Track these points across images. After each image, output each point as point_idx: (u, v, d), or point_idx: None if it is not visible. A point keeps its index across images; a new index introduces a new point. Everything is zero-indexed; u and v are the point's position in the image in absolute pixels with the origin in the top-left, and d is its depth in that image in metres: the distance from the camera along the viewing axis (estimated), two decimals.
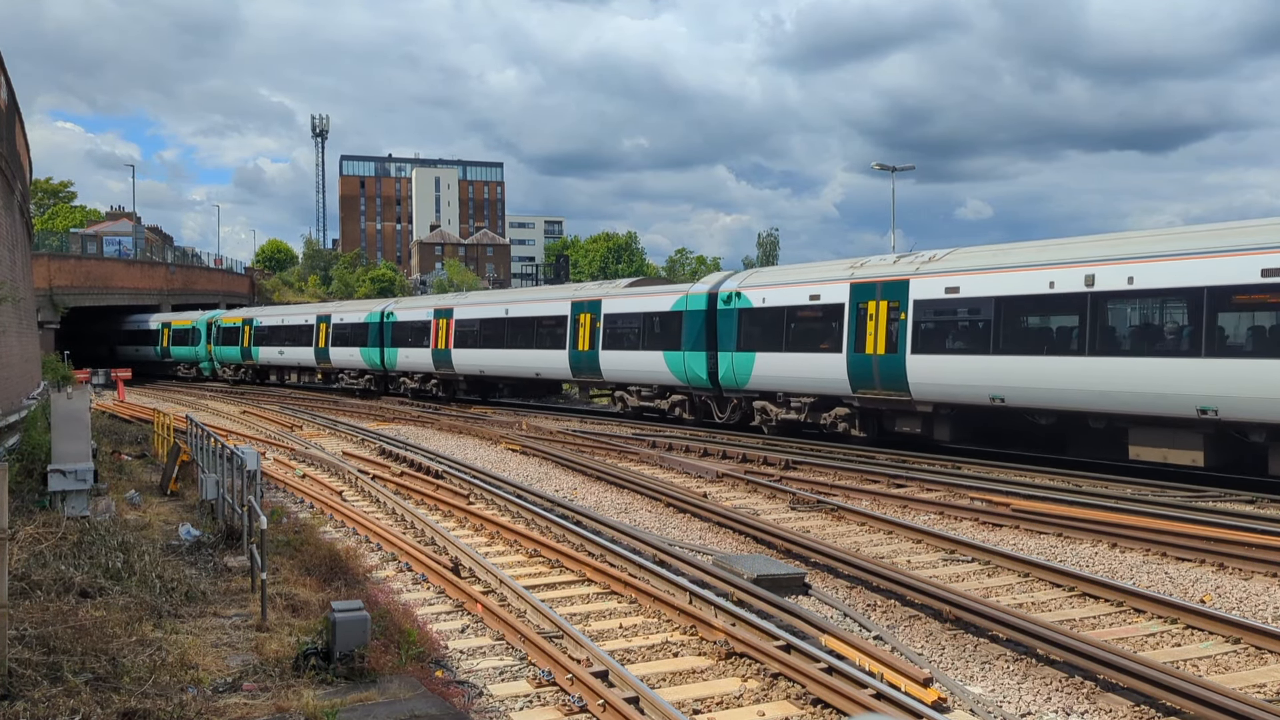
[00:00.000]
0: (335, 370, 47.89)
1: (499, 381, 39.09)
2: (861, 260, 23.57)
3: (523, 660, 8.69)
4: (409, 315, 42.08)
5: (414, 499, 17.10)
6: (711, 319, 26.89)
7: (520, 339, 35.13)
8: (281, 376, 54.12)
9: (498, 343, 36.24)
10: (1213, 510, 14.67)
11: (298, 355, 50.30)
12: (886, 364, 21.52)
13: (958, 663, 8.75)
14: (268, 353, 52.76)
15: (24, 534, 10.46)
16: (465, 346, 38.05)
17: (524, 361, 35.02)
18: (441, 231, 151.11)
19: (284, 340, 51.23)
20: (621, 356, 30.54)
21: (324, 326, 47.67)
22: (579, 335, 32.21)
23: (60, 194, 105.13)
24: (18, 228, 26.91)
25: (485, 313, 37.55)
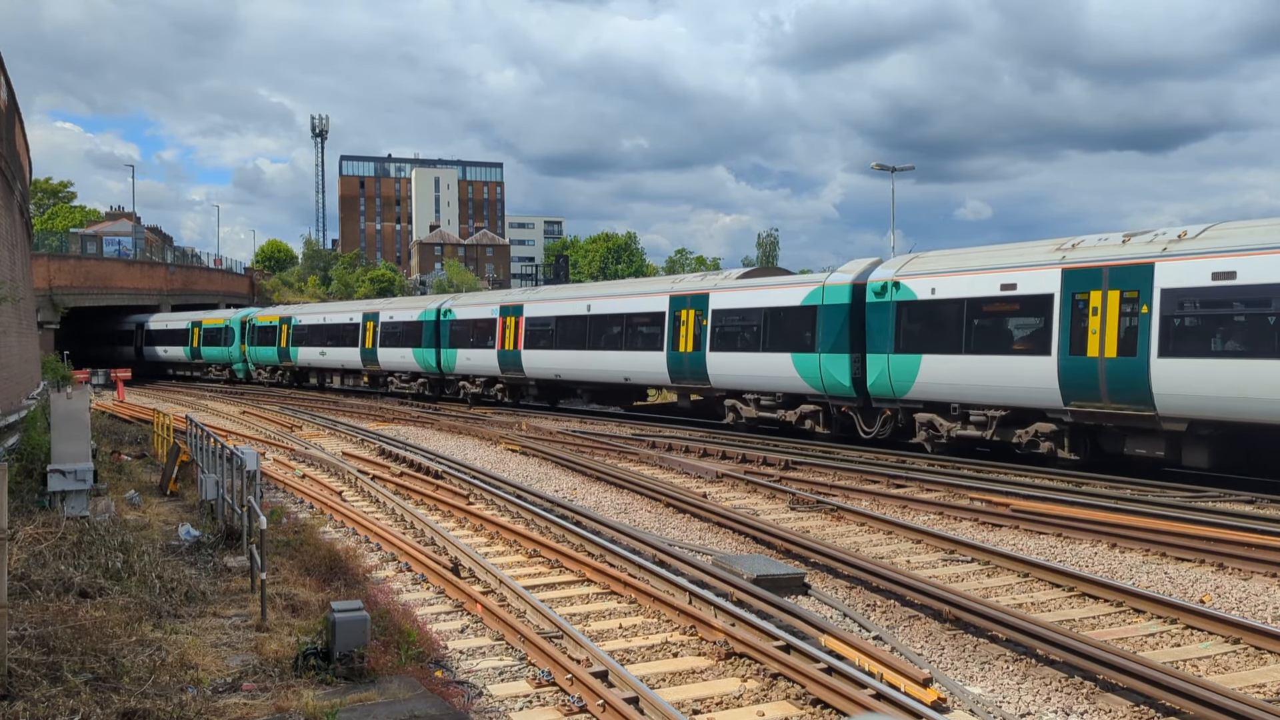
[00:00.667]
0: (384, 373, 44.08)
1: (578, 386, 34.61)
2: (1073, 240, 19.22)
3: (522, 660, 8.69)
4: (470, 313, 38.09)
5: (414, 499, 17.10)
6: (857, 315, 22.64)
7: (606, 339, 31.19)
8: (323, 379, 50.44)
9: (577, 343, 32.25)
10: (1212, 510, 14.67)
11: (341, 356, 46.42)
12: (1120, 369, 17.34)
13: (957, 663, 8.76)
14: (308, 354, 48.92)
15: (24, 534, 10.46)
16: (538, 347, 34.11)
17: (610, 365, 31.01)
18: (441, 232, 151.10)
19: (326, 340, 47.39)
20: (735, 359, 26.22)
21: (371, 325, 43.71)
22: (680, 334, 28.10)
23: (60, 194, 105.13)
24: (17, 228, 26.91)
25: (562, 309, 33.61)
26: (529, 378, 35.35)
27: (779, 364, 24.69)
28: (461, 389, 39.51)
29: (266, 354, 52.67)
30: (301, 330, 49.51)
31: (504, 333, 35.86)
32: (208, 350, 58.23)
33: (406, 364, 41.84)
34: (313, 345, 48.44)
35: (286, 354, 50.70)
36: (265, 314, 54.92)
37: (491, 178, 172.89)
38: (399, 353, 42.07)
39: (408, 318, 41.77)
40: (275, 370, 52.99)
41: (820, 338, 23.45)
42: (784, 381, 24.75)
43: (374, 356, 43.70)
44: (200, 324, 59.11)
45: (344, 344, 46.15)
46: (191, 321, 60.36)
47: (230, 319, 56.61)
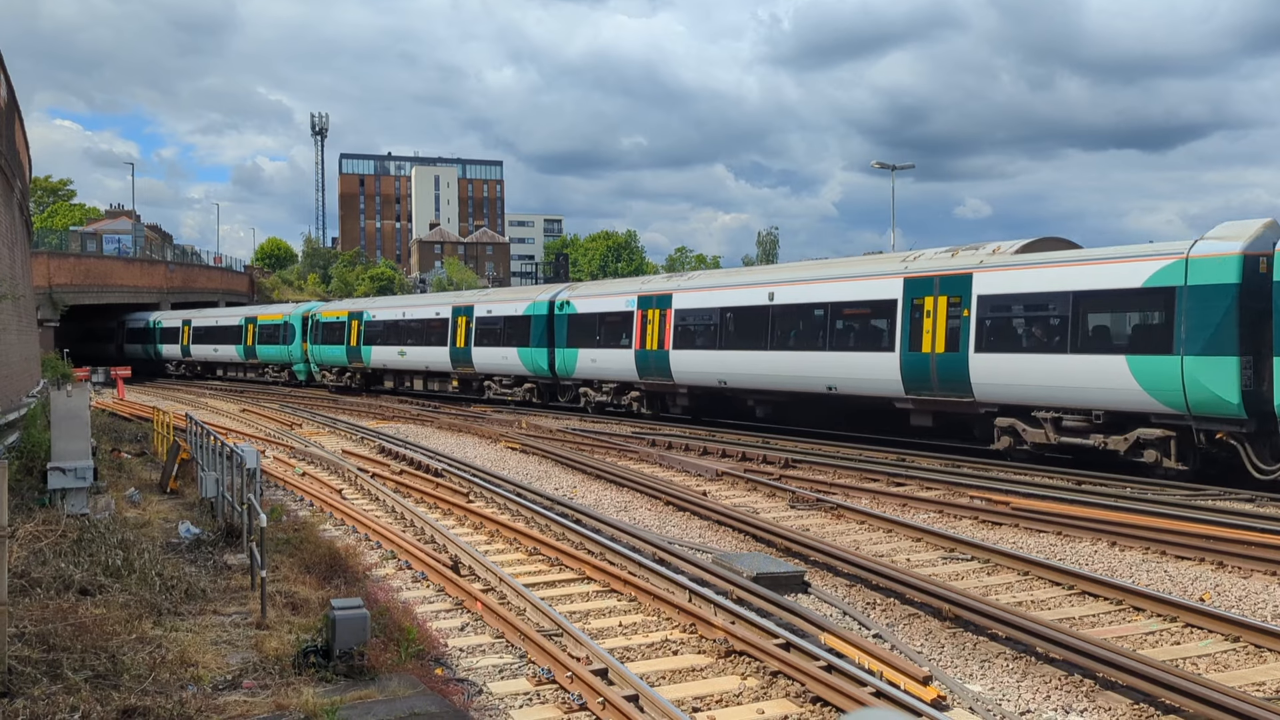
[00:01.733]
0: (478, 377, 37.45)
1: (751, 397, 26.74)
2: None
3: (522, 658, 8.70)
4: (596, 305, 31.80)
5: (413, 497, 17.11)
6: (1250, 299, 16.14)
7: (796, 337, 24.50)
8: (400, 383, 43.18)
9: (753, 341, 25.46)
10: (1212, 509, 14.68)
11: (424, 357, 39.91)
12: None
13: (957, 661, 8.76)
14: (383, 354, 42.59)
15: (24, 532, 10.46)
16: (692, 347, 27.58)
17: (807, 369, 23.72)
18: (441, 230, 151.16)
19: (405, 338, 41.04)
20: (1020, 364, 19.26)
21: (463, 321, 37.52)
22: (919, 330, 21.19)
23: (59, 192, 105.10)
24: (17, 226, 26.91)
25: (729, 299, 26.66)
26: (679, 384, 28.48)
27: (1100, 370, 17.97)
28: (582, 396, 32.79)
29: (332, 354, 46.36)
30: (376, 327, 43.00)
31: (643, 328, 29.35)
32: (265, 350, 52.28)
33: (509, 366, 35.33)
34: (389, 344, 42.01)
35: (357, 354, 44.28)
36: (332, 309, 48.22)
37: (491, 176, 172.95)
38: (499, 353, 35.70)
39: (510, 311, 35.26)
40: (343, 373, 46.60)
41: (1184, 333, 16.72)
42: (1107, 395, 17.85)
43: (467, 357, 37.38)
44: (256, 320, 53.46)
45: (428, 342, 39.69)
46: (245, 318, 54.75)
47: (290, 314, 50.74)
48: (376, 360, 43.30)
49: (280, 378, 52.29)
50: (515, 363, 35.04)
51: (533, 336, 33.92)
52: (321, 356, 47.70)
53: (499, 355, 35.99)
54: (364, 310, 44.73)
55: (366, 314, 44.07)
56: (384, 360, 42.83)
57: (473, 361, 37.31)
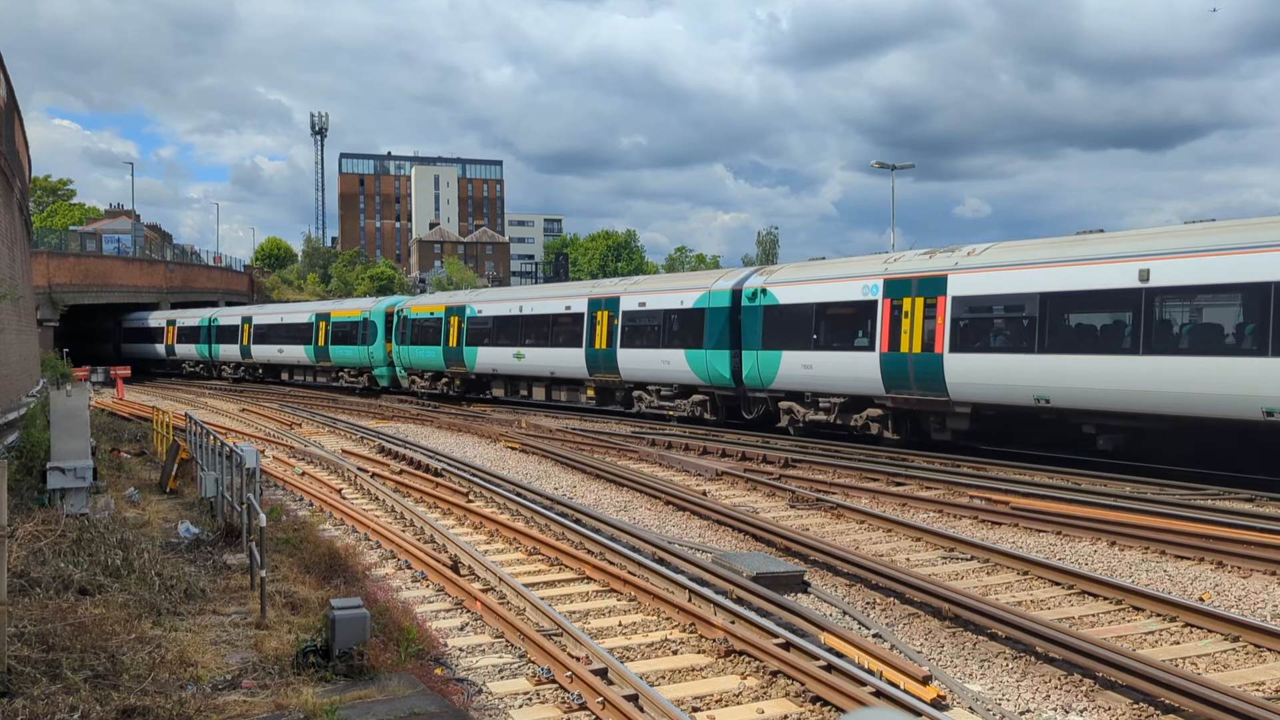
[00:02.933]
0: (624, 385, 30.34)
1: (1092, 422, 18.53)
2: None
3: (522, 658, 8.69)
4: (809, 293, 23.94)
5: (413, 497, 17.10)
6: None
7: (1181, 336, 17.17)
8: (513, 390, 36.30)
9: (1111, 342, 17.95)
10: (1212, 508, 14.68)
11: (549, 360, 32.92)
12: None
13: (957, 660, 8.76)
14: (493, 357, 35.62)
15: (23, 531, 10.46)
16: (985, 349, 19.98)
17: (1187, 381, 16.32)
18: (441, 230, 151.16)
19: (523, 337, 34.34)
20: None
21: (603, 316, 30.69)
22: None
23: (59, 191, 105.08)
24: (17, 225, 26.91)
25: (1066, 280, 18.42)
26: (955, 400, 20.53)
27: None
28: (784, 413, 24.99)
29: (425, 356, 39.65)
30: (482, 324, 36.49)
31: (893, 324, 21.71)
32: (339, 351, 45.28)
33: (670, 372, 28.16)
34: (500, 344, 35.39)
35: (457, 356, 37.63)
36: (425, 303, 41.56)
37: (491, 175, 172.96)
38: (657, 356, 28.54)
39: (673, 303, 28.32)
40: (437, 378, 39.79)
41: None
42: None
43: (609, 360, 30.33)
44: (329, 317, 46.30)
45: (554, 342, 33.02)
46: (316, 314, 47.83)
47: (371, 310, 43.66)
48: (484, 364, 36.30)
49: (356, 383, 45.20)
50: (681, 368, 27.66)
51: (708, 335, 26.66)
52: (411, 359, 40.68)
53: (656, 359, 28.51)
54: (466, 304, 37.56)
55: (470, 309, 37.05)
56: (493, 364, 35.82)
57: (618, 366, 29.90)
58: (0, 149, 20.55)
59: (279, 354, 51.30)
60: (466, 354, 37.14)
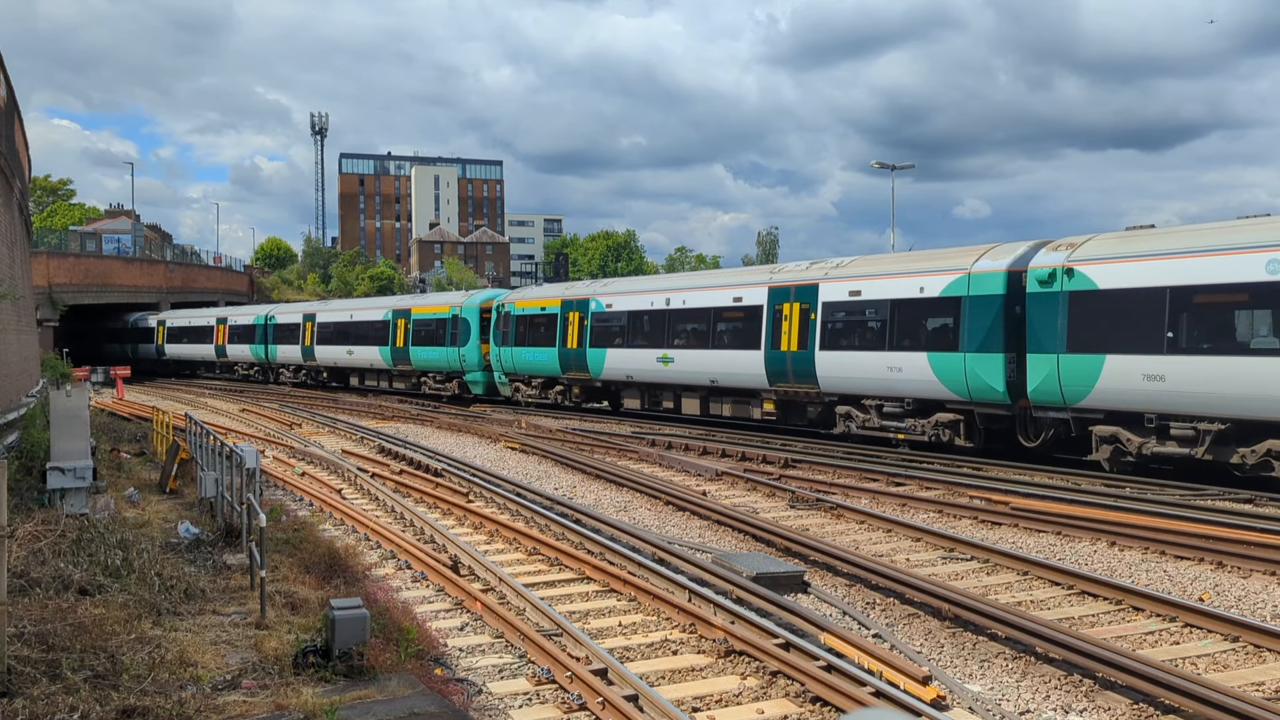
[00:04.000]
0: (823, 397, 23.44)
1: None
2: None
3: (522, 658, 8.69)
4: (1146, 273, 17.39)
5: (413, 497, 17.10)
6: None
7: None
8: (654, 401, 29.50)
9: None
10: (1211, 509, 14.67)
11: (710, 365, 26.48)
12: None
13: (957, 660, 8.76)
14: (629, 360, 29.44)
15: (23, 531, 10.46)
16: None
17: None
18: (441, 230, 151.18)
19: (671, 337, 28.08)
20: None
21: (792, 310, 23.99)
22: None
23: (59, 191, 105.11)
24: (17, 225, 26.91)
25: None
26: None
27: None
28: (1108, 442, 18.02)
29: (535, 360, 33.66)
30: (612, 321, 30.48)
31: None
32: (422, 353, 39.52)
33: (900, 382, 21.49)
34: (636, 346, 29.37)
35: (577, 360, 31.55)
36: (534, 296, 35.50)
37: (491, 175, 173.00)
38: (880, 361, 21.86)
39: (905, 291, 21.57)
40: (550, 385, 33.69)
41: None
42: None
43: (803, 366, 23.50)
44: (409, 314, 40.41)
45: (714, 343, 26.57)
46: (393, 310, 41.73)
47: (463, 305, 37.74)
48: (614, 369, 30.27)
49: (443, 390, 39.14)
50: (921, 377, 20.94)
51: (968, 333, 20.16)
52: (516, 363, 34.59)
53: (879, 365, 21.90)
54: (591, 297, 31.66)
55: (595, 303, 31.22)
56: (626, 369, 29.72)
57: (814, 373, 23.30)
58: (0, 149, 20.55)
59: (348, 356, 45.12)
60: (590, 357, 30.90)
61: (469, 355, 37.07)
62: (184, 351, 61.14)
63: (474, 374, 37.23)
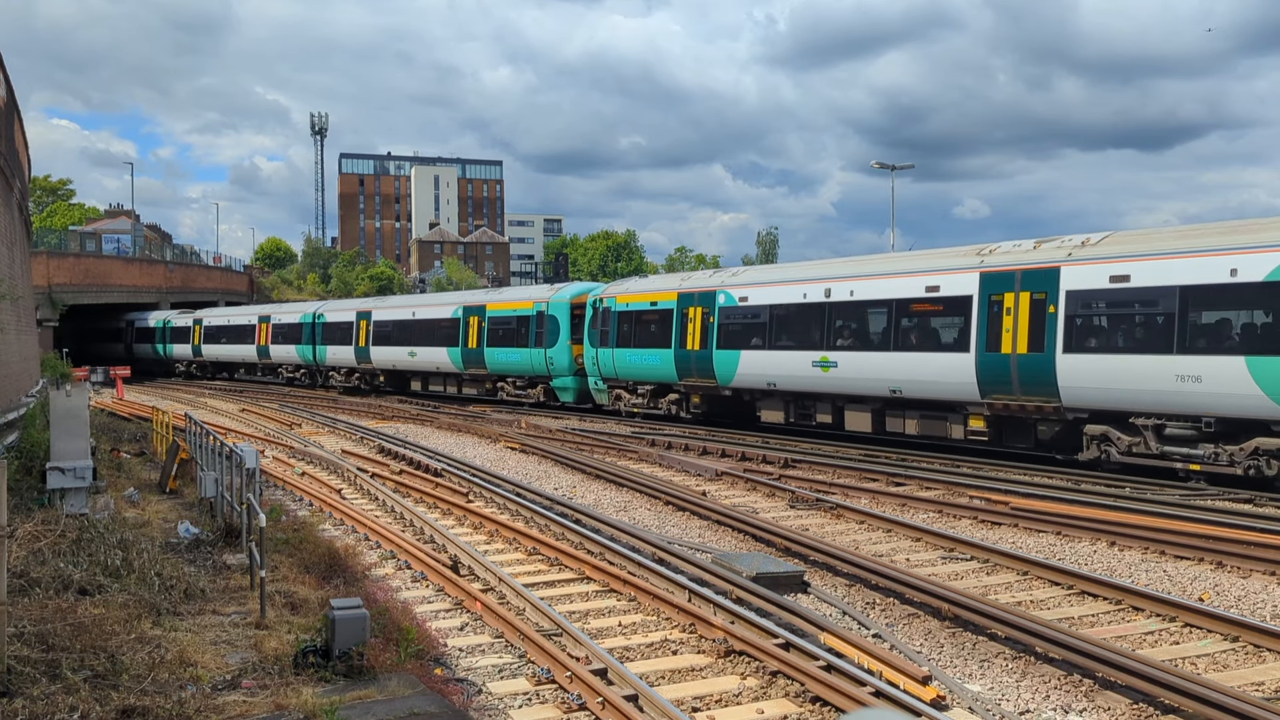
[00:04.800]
0: (1070, 414, 18.42)
1: None
2: None
3: (522, 658, 8.69)
4: None
5: (413, 497, 17.10)
6: None
7: None
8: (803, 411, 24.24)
9: None
10: (1211, 509, 14.68)
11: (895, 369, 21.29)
12: None
13: (956, 660, 8.76)
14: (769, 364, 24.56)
15: (23, 531, 10.45)
16: None
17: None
18: (440, 230, 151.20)
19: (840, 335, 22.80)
20: None
21: (1016, 302, 19.00)
22: None
23: (58, 191, 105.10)
24: (16, 225, 26.90)
25: None
26: None
27: None
28: None
29: (644, 364, 28.67)
30: (748, 318, 25.26)
31: None
32: (500, 356, 35.08)
33: (1200, 394, 16.31)
34: (784, 347, 24.02)
35: (700, 363, 26.31)
36: (641, 290, 29.80)
37: (491, 175, 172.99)
38: (1160, 367, 16.83)
39: (1206, 274, 16.32)
40: (663, 393, 28.53)
41: None
42: None
43: (1039, 372, 18.50)
44: (484, 311, 35.99)
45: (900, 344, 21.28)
46: (464, 306, 37.15)
47: (550, 300, 33.17)
48: (749, 374, 24.99)
49: (524, 397, 34.87)
50: (1226, 388, 15.92)
51: None
52: (619, 366, 29.67)
53: (1149, 372, 17.02)
54: (718, 288, 26.36)
55: (725, 295, 26.03)
56: (768, 374, 24.48)
57: (1055, 383, 18.23)
58: (0, 149, 20.55)
59: (409, 358, 40.30)
60: (718, 361, 25.81)
61: (557, 358, 32.53)
62: (222, 353, 56.83)
63: (563, 379, 32.78)
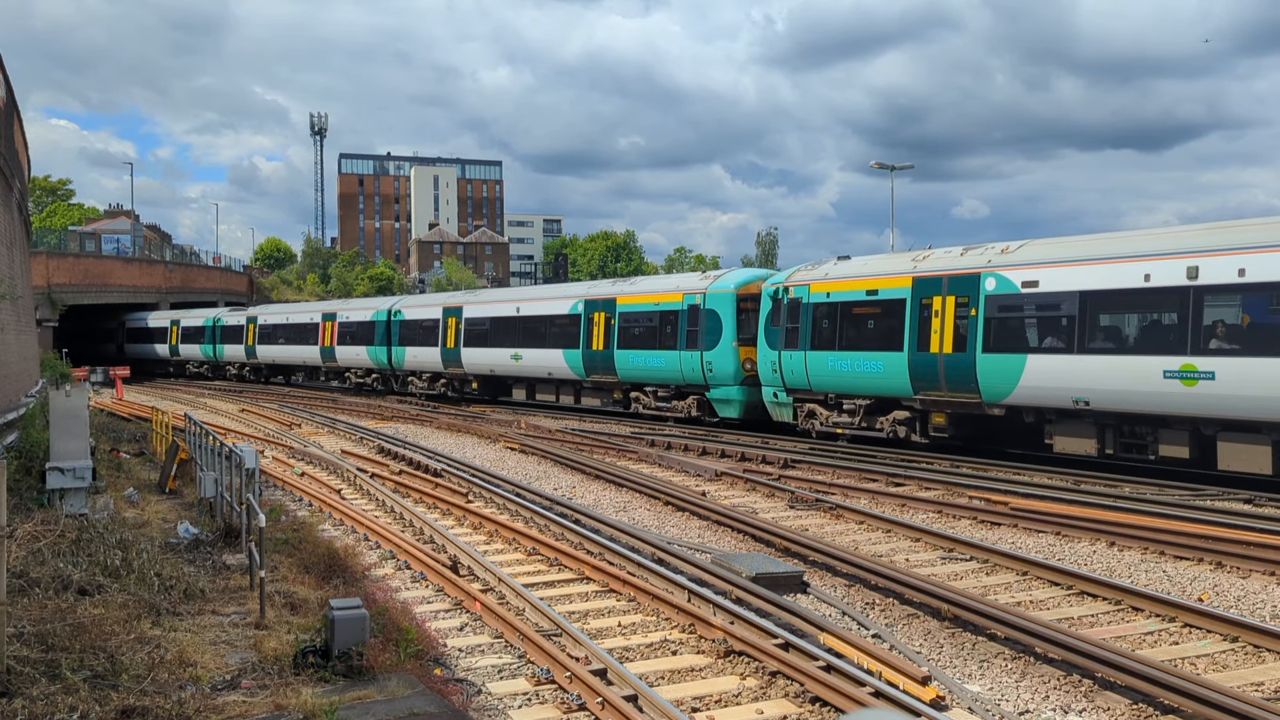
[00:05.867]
0: None
1: None
2: None
3: (521, 658, 8.69)
4: None
5: (413, 497, 17.10)
6: None
7: None
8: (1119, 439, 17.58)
9: None
10: (1211, 509, 14.67)
11: None
12: None
13: (956, 661, 8.76)
14: (1064, 374, 17.85)
15: (22, 531, 10.45)
16: None
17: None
18: (440, 230, 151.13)
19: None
20: None
21: None
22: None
23: (58, 192, 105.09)
24: (16, 225, 26.90)
25: None
26: None
27: None
28: None
29: (860, 371, 21.99)
30: (1041, 309, 18.85)
31: None
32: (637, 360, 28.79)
33: None
34: (1109, 350, 17.62)
35: (958, 372, 19.70)
36: (842, 275, 22.88)
37: (490, 176, 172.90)
38: None
39: None
40: (884, 409, 21.95)
41: None
42: None
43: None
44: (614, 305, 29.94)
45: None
46: (585, 300, 31.33)
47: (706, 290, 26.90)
48: (1041, 386, 18.32)
49: (668, 410, 28.18)
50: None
51: None
52: (818, 374, 22.71)
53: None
54: (985, 270, 19.42)
55: (995, 279, 19.15)
56: (1083, 386, 17.58)
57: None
58: (0, 149, 20.54)
59: (513, 363, 34.31)
60: (983, 369, 19.10)
61: (719, 362, 25.95)
62: (280, 354, 51.13)
63: (725, 389, 25.98)
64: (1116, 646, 8.47)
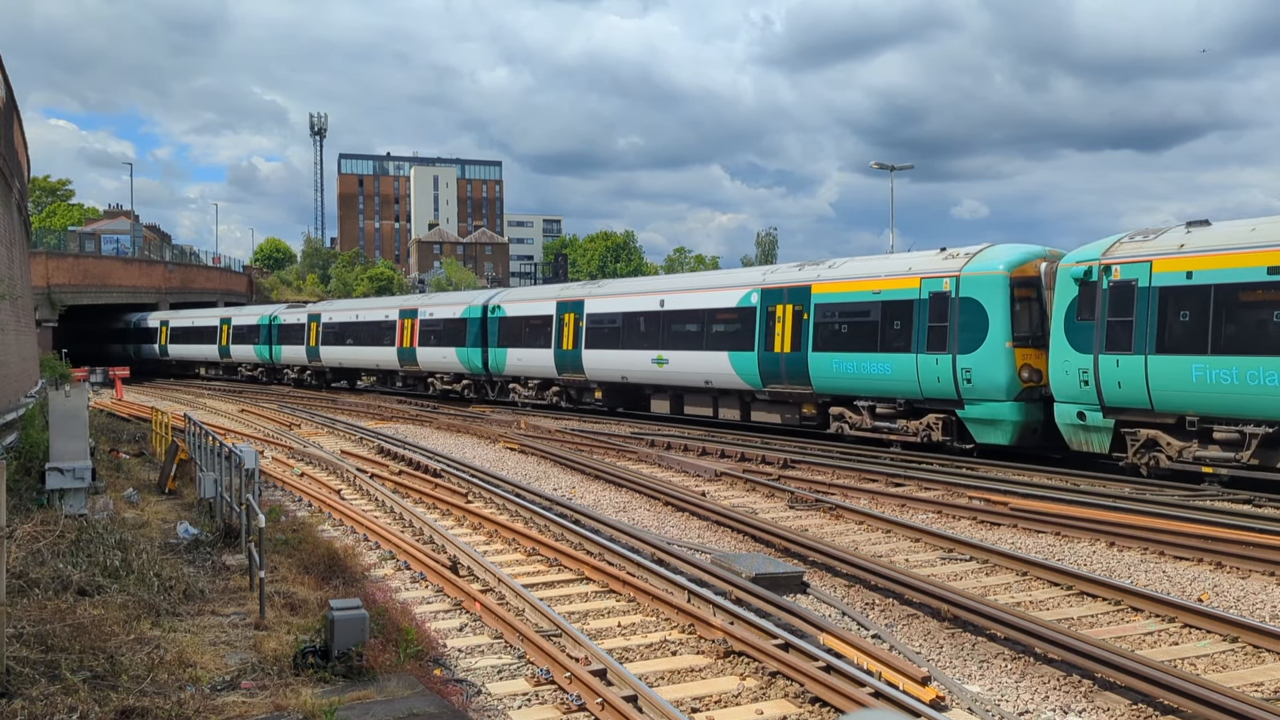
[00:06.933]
0: None
1: None
2: None
3: (521, 659, 8.69)
4: None
5: (412, 497, 17.10)
6: None
7: None
8: None
9: None
10: (1210, 509, 14.67)
11: None
12: None
13: (956, 661, 8.76)
14: None
15: (22, 532, 10.45)
16: None
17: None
18: (440, 230, 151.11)
19: None
20: None
21: None
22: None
23: (58, 192, 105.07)
24: (15, 225, 26.89)
25: None
26: None
27: None
28: None
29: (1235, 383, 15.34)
30: None
31: None
32: (843, 365, 22.44)
33: None
34: None
35: None
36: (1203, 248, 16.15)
37: (490, 176, 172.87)
38: None
39: None
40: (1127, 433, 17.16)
41: None
42: None
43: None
44: (808, 294, 23.67)
45: None
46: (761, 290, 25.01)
47: (959, 273, 20.30)
48: None
49: (899, 432, 21.65)
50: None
51: None
52: (1164, 387, 16.45)
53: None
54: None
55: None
56: None
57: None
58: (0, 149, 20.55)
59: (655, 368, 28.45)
60: None
61: (982, 369, 19.68)
62: (347, 356, 45.52)
63: (990, 405, 19.71)
64: (1116, 647, 8.47)
